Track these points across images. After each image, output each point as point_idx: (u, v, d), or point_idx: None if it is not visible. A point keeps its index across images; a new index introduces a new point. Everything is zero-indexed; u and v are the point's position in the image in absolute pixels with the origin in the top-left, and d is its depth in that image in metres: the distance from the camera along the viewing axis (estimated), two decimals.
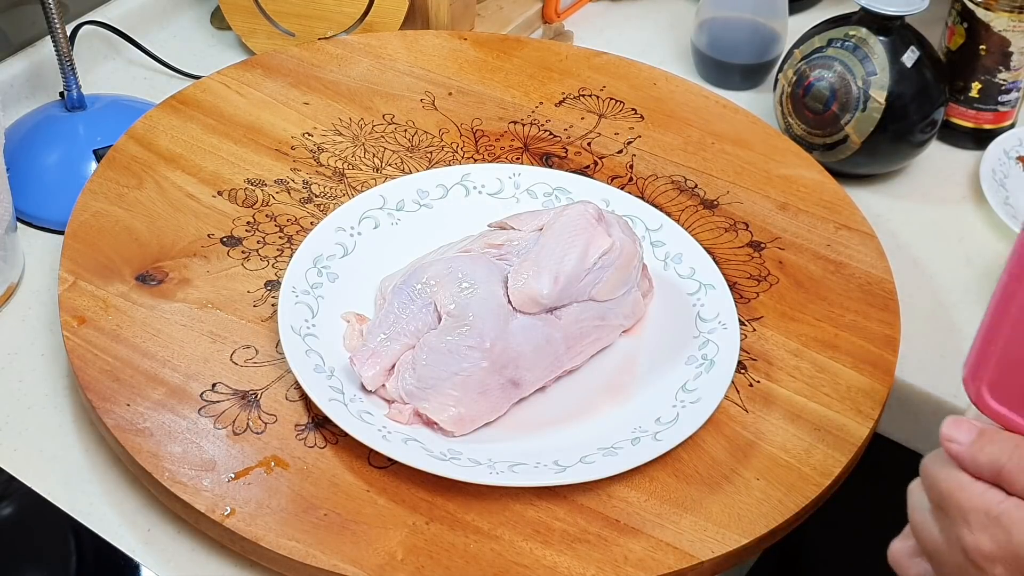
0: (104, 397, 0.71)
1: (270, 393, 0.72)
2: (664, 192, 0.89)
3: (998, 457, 0.46)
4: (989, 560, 0.45)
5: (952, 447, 0.48)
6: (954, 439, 0.48)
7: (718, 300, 0.79)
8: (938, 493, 0.48)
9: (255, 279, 0.80)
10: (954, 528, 0.47)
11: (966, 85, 0.98)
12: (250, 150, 0.90)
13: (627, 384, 0.75)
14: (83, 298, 0.77)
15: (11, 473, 0.71)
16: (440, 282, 0.73)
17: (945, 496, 0.47)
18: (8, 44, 0.99)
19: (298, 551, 0.64)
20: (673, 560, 0.65)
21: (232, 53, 1.09)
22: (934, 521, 0.48)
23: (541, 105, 0.97)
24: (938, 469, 0.48)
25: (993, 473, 0.46)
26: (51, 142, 0.91)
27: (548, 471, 0.68)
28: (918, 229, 0.94)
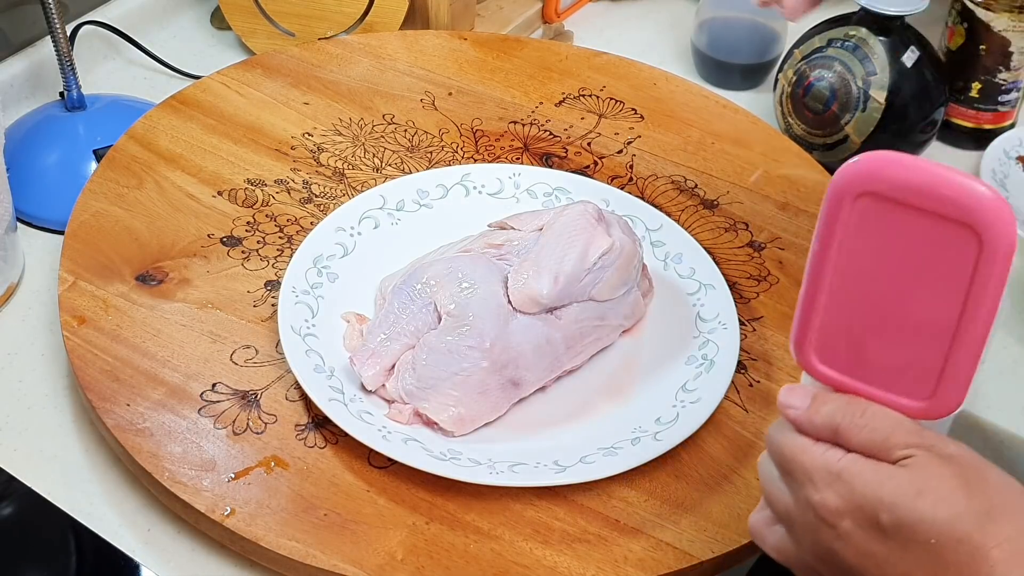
0: (104, 397, 0.71)
1: (270, 393, 0.72)
2: (664, 192, 0.89)
3: (832, 416, 0.49)
4: (837, 515, 0.47)
5: (790, 413, 0.50)
6: (791, 405, 0.50)
7: (718, 300, 0.79)
8: (783, 459, 0.50)
9: (255, 279, 0.80)
10: (802, 490, 0.49)
11: (966, 85, 0.98)
12: (250, 150, 0.90)
13: (627, 384, 0.75)
14: (83, 298, 0.77)
15: (11, 473, 0.71)
16: (440, 282, 0.73)
17: (789, 460, 0.49)
18: (8, 44, 0.99)
19: (298, 551, 0.64)
20: (673, 560, 0.65)
21: (232, 53, 1.09)
22: (784, 487, 0.50)
23: (541, 105, 0.97)
24: (781, 436, 0.50)
25: (830, 432, 0.49)
26: (51, 142, 0.91)
27: (548, 471, 0.68)
28: None
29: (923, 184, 0.46)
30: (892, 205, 0.46)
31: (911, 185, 0.46)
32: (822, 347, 0.51)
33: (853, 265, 0.48)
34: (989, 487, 0.46)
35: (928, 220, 0.46)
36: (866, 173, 0.47)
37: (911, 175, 0.46)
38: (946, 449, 0.47)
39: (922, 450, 0.47)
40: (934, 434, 0.48)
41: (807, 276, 0.50)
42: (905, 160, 0.46)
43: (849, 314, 0.49)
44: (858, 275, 0.49)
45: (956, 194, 0.45)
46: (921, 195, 0.46)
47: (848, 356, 0.50)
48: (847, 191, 0.47)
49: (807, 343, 0.51)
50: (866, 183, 0.47)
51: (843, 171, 0.48)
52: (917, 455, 0.46)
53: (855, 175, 0.47)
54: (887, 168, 0.46)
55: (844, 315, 0.49)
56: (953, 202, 0.45)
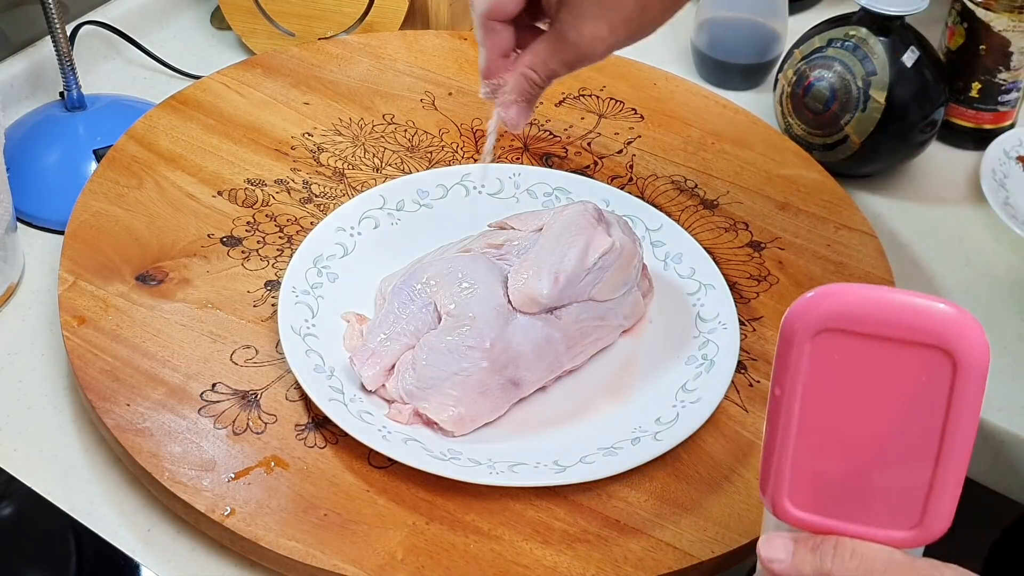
0: (104, 397, 0.71)
1: (270, 393, 0.72)
2: (664, 192, 0.89)
3: (820, 565, 0.46)
4: None
5: (774, 567, 0.47)
6: (773, 558, 0.47)
7: (718, 300, 0.79)
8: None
9: (255, 279, 0.80)
10: None
11: (966, 85, 0.98)
12: (250, 150, 0.90)
13: (627, 384, 0.75)
14: (83, 298, 0.77)
15: (11, 473, 0.71)
16: (440, 282, 0.73)
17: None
18: (8, 44, 0.99)
19: (298, 551, 0.64)
20: (673, 560, 0.65)
21: (232, 53, 1.09)
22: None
23: (541, 105, 0.97)
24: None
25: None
26: (51, 142, 0.91)
27: (548, 471, 0.68)
28: (918, 229, 0.94)
29: (884, 313, 0.44)
30: (854, 338, 0.44)
31: (871, 316, 0.44)
32: (796, 491, 0.48)
33: (820, 403, 0.46)
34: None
35: (895, 348, 0.44)
36: (821, 310, 0.44)
37: (870, 306, 0.44)
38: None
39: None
40: (928, 564, 0.45)
41: (769, 422, 0.47)
42: (861, 292, 0.44)
43: (822, 454, 0.47)
44: (827, 413, 0.46)
45: (921, 319, 0.43)
46: (884, 325, 0.44)
47: (826, 496, 0.47)
48: (804, 330, 0.45)
49: (779, 490, 0.48)
50: (824, 321, 0.44)
51: (797, 310, 0.45)
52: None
53: (810, 314, 0.45)
54: (844, 302, 0.44)
55: (816, 456, 0.47)
56: (919, 327, 0.43)
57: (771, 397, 0.47)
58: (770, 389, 0.46)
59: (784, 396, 0.46)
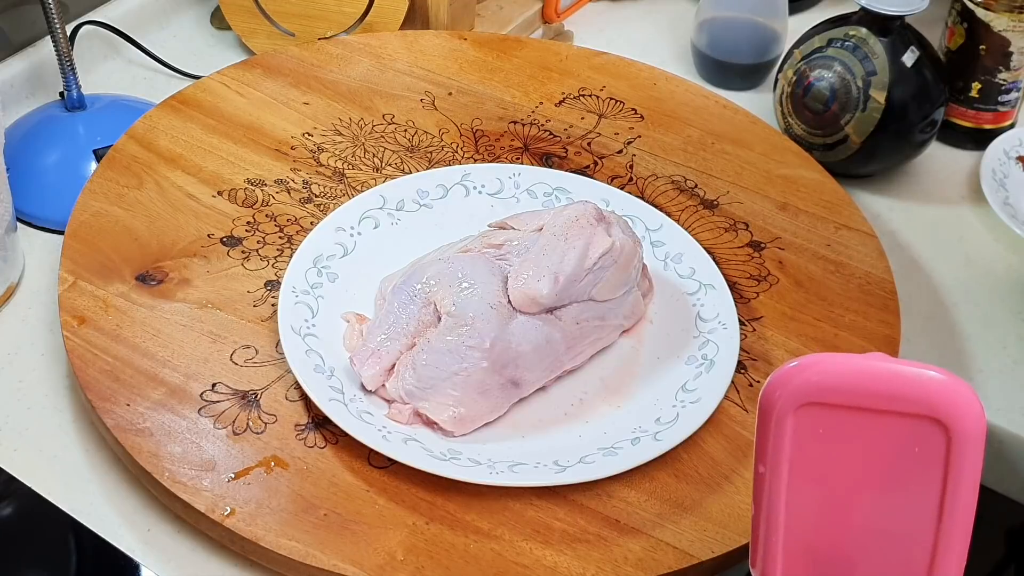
0: (104, 397, 0.71)
1: (270, 393, 0.72)
2: (664, 192, 0.89)
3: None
4: None
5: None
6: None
7: (718, 300, 0.79)
8: None
9: (255, 279, 0.80)
10: None
11: (966, 85, 0.98)
12: (250, 150, 0.90)
13: (627, 384, 0.75)
14: (83, 298, 0.77)
15: (11, 473, 0.71)
16: (440, 282, 0.73)
17: None
18: (8, 44, 0.99)
19: (298, 551, 0.64)
20: (673, 560, 0.65)
21: (232, 53, 1.09)
22: None
23: (541, 105, 0.97)
24: None
25: None
26: (51, 142, 0.91)
27: (548, 471, 0.68)
28: (918, 229, 0.94)
29: (871, 385, 0.41)
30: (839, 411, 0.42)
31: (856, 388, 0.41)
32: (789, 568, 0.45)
33: (808, 479, 0.43)
34: None
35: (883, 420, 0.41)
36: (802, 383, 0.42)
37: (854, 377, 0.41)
38: None
39: None
40: None
41: (756, 500, 0.45)
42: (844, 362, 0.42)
43: (814, 530, 0.44)
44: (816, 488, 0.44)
45: (909, 388, 0.41)
46: (870, 396, 0.41)
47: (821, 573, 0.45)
48: (786, 405, 0.42)
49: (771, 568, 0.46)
50: (805, 394, 0.42)
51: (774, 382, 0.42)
52: None
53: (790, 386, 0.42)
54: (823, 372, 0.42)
55: (809, 532, 0.44)
56: (907, 398, 0.41)
57: (755, 475, 0.44)
58: (754, 466, 0.44)
59: (768, 473, 0.44)
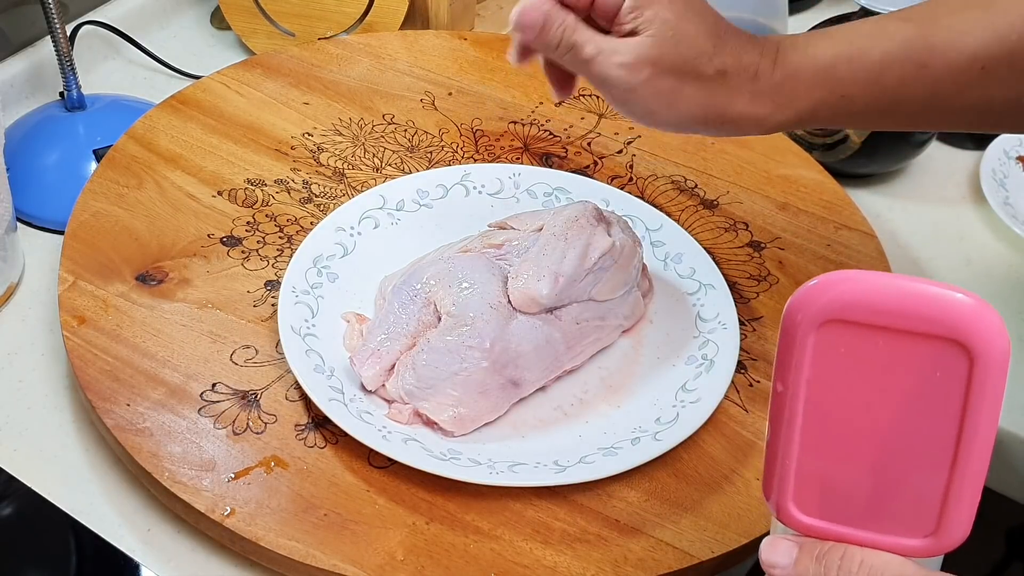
0: (104, 397, 0.71)
1: (270, 393, 0.72)
2: (664, 192, 0.89)
3: (826, 573, 0.44)
4: None
5: (775, 573, 0.45)
6: (776, 563, 0.45)
7: (718, 300, 0.79)
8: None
9: (255, 279, 0.80)
10: None
11: None
12: (250, 150, 0.90)
13: (627, 384, 0.75)
14: (83, 298, 0.77)
15: (11, 473, 0.71)
16: (440, 282, 0.73)
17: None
18: (8, 44, 0.99)
19: (298, 551, 0.64)
20: (673, 560, 0.65)
21: (232, 53, 1.09)
22: None
23: (541, 105, 0.97)
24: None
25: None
26: (51, 142, 0.91)
27: (548, 471, 0.68)
28: (918, 229, 0.94)
29: (895, 303, 0.40)
30: (862, 329, 0.41)
31: (880, 306, 0.40)
32: (802, 495, 0.44)
33: (826, 400, 0.43)
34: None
35: (905, 341, 0.41)
36: (827, 299, 0.41)
37: (878, 295, 0.40)
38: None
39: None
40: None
41: (772, 420, 0.44)
42: (869, 279, 0.41)
43: (829, 455, 0.44)
44: (833, 411, 0.43)
45: (934, 309, 0.40)
46: (894, 315, 0.40)
47: (833, 500, 0.44)
48: (809, 321, 0.41)
49: (783, 492, 0.45)
50: (828, 311, 0.41)
51: (798, 298, 0.42)
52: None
53: (813, 303, 0.41)
54: (849, 290, 0.41)
55: (823, 457, 0.44)
56: (932, 318, 0.40)
57: (773, 394, 0.44)
58: (772, 385, 0.44)
59: (787, 393, 0.43)
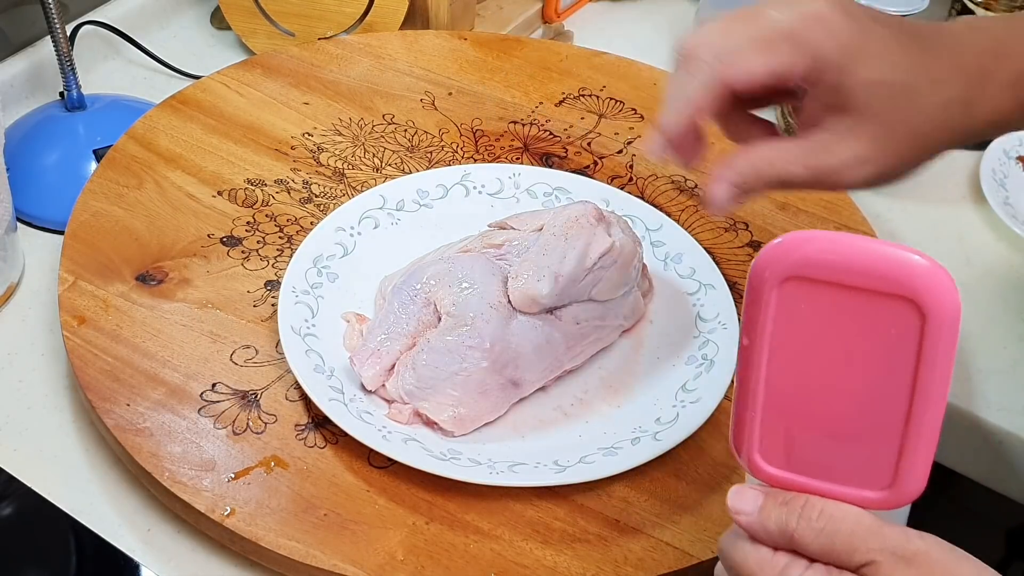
0: (104, 397, 0.71)
1: (270, 393, 0.72)
2: (664, 192, 0.89)
3: (786, 521, 0.45)
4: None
5: (741, 519, 0.46)
6: (741, 510, 0.46)
7: (718, 300, 0.79)
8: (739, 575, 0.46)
9: (255, 279, 0.80)
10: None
11: None
12: (250, 150, 0.90)
13: (627, 384, 0.75)
14: (83, 298, 0.77)
15: (11, 473, 0.71)
16: (440, 282, 0.73)
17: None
18: (8, 44, 0.99)
19: (298, 551, 0.64)
20: (673, 560, 0.65)
21: (232, 53, 1.09)
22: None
23: (541, 105, 0.97)
24: (735, 550, 0.46)
25: (785, 538, 0.45)
26: (51, 142, 0.91)
27: (548, 471, 0.68)
28: (918, 229, 0.94)
29: (852, 261, 0.43)
30: (822, 287, 0.43)
31: (839, 264, 0.43)
32: (766, 445, 0.46)
33: (788, 355, 0.45)
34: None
35: (863, 298, 0.43)
36: (789, 257, 0.43)
37: (837, 253, 0.43)
38: (910, 546, 0.44)
39: (885, 554, 0.43)
40: (897, 530, 0.44)
41: (739, 373, 0.46)
42: (829, 238, 0.43)
43: (791, 408, 0.46)
44: (795, 365, 0.45)
45: (889, 268, 0.42)
46: (851, 273, 0.43)
47: (796, 452, 0.46)
48: (770, 278, 0.44)
49: (749, 443, 0.47)
50: (791, 268, 0.43)
51: (764, 256, 0.44)
52: (880, 560, 0.43)
53: (777, 260, 0.43)
54: (811, 249, 0.43)
55: (786, 410, 0.46)
56: (887, 277, 0.42)
57: (739, 348, 0.46)
58: (739, 339, 0.46)
59: (752, 346, 0.45)
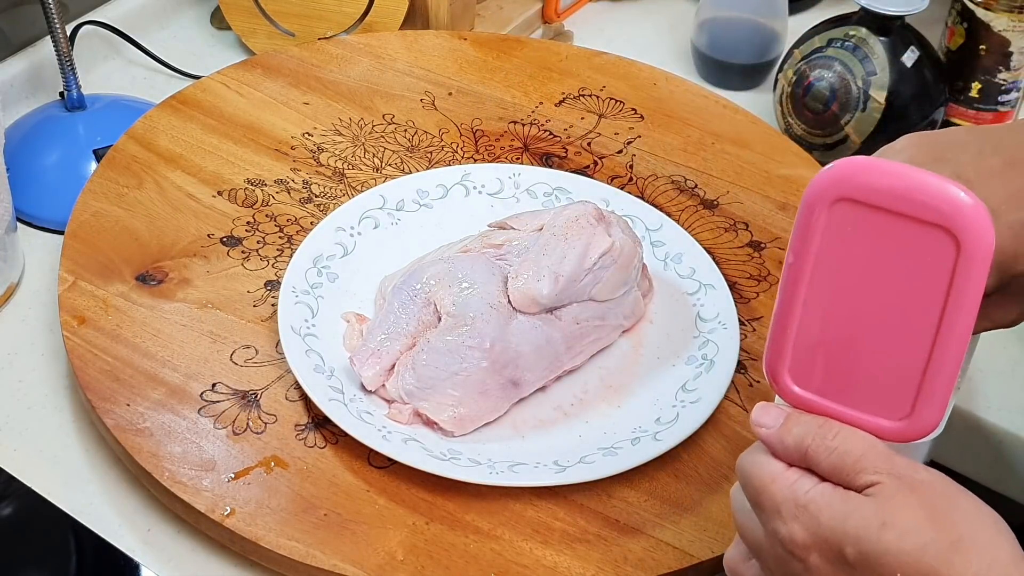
0: (104, 397, 0.71)
1: (270, 393, 0.72)
2: (664, 192, 0.89)
3: (803, 438, 0.47)
4: (804, 549, 0.46)
5: (761, 431, 0.49)
6: (762, 423, 0.49)
7: (718, 300, 0.79)
8: (753, 489, 0.48)
9: (255, 279, 0.80)
10: (770, 522, 0.47)
11: (966, 85, 0.98)
12: (250, 150, 0.90)
13: (627, 384, 0.75)
14: (83, 298, 0.77)
15: (11, 473, 0.71)
16: (440, 282, 0.73)
17: (759, 491, 0.48)
18: (8, 44, 0.99)
19: (298, 551, 0.64)
20: (673, 560, 0.65)
21: (232, 53, 1.09)
22: (755, 519, 0.49)
23: (541, 105, 0.97)
24: (751, 464, 0.49)
25: (800, 454, 0.47)
26: (51, 142, 0.91)
27: (548, 471, 0.68)
28: None
29: (899, 188, 0.45)
30: (868, 211, 0.45)
31: (887, 189, 0.45)
32: (796, 367, 0.49)
33: (828, 277, 0.47)
34: (958, 517, 0.44)
35: (905, 225, 0.45)
36: (841, 178, 0.46)
37: (887, 179, 0.45)
38: (916, 476, 0.45)
39: (891, 477, 0.45)
40: (905, 460, 0.46)
41: (781, 292, 0.48)
42: (881, 164, 0.45)
43: (824, 330, 0.48)
44: (833, 287, 0.47)
45: (932, 197, 0.44)
46: (897, 199, 0.45)
47: (823, 376, 0.48)
48: (823, 197, 0.46)
49: (781, 364, 0.49)
50: (842, 189, 0.46)
51: (819, 177, 0.46)
52: (884, 482, 0.45)
53: (830, 181, 0.46)
54: (862, 172, 0.45)
55: (819, 331, 0.48)
56: (930, 206, 0.44)
57: (785, 266, 0.48)
58: (785, 258, 0.48)
59: (796, 265, 0.47)
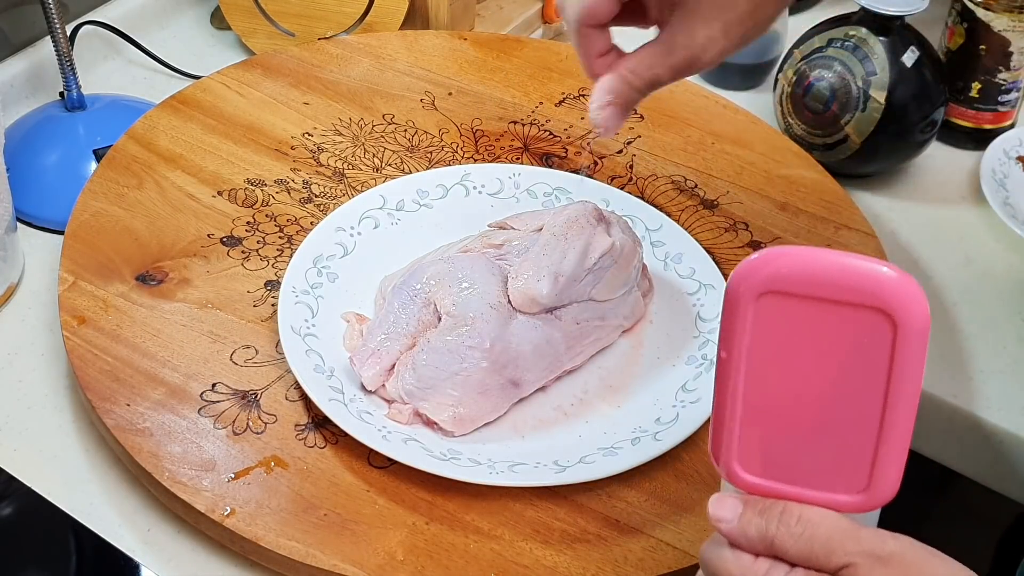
0: (104, 397, 0.71)
1: (270, 393, 0.72)
2: (664, 192, 0.89)
3: (766, 528, 0.46)
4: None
5: (722, 527, 0.47)
6: (722, 518, 0.47)
7: (718, 300, 0.79)
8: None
9: (255, 279, 0.80)
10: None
11: (966, 85, 0.98)
12: (250, 150, 0.90)
13: (627, 384, 0.75)
14: (83, 298, 0.77)
15: (11, 473, 0.71)
16: (440, 282, 0.73)
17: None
18: (8, 44, 0.99)
19: (298, 551, 0.64)
20: (673, 560, 0.65)
21: (232, 53, 1.09)
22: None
23: (541, 105, 0.97)
24: (718, 559, 0.47)
25: (765, 544, 0.46)
26: (51, 142, 0.91)
27: (548, 471, 0.68)
28: (918, 229, 0.94)
29: (825, 275, 0.44)
30: (797, 300, 0.45)
31: (812, 278, 0.44)
32: (745, 455, 0.48)
33: (765, 367, 0.46)
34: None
35: (837, 310, 0.44)
36: (764, 272, 0.45)
37: (810, 268, 0.44)
38: (885, 548, 0.45)
39: (862, 556, 0.44)
40: (871, 532, 0.45)
41: (718, 385, 0.47)
42: (803, 253, 0.45)
43: (768, 417, 0.47)
44: (771, 376, 0.46)
45: (861, 280, 0.44)
46: (825, 286, 0.44)
47: (774, 460, 0.48)
48: (746, 292, 0.45)
49: (729, 452, 0.48)
50: (766, 283, 0.45)
51: (740, 272, 0.46)
52: (858, 562, 0.44)
53: (752, 275, 0.45)
54: (784, 264, 0.45)
55: (763, 419, 0.47)
56: (859, 289, 0.44)
57: (717, 360, 0.47)
58: (716, 352, 0.47)
59: (730, 359, 0.46)
